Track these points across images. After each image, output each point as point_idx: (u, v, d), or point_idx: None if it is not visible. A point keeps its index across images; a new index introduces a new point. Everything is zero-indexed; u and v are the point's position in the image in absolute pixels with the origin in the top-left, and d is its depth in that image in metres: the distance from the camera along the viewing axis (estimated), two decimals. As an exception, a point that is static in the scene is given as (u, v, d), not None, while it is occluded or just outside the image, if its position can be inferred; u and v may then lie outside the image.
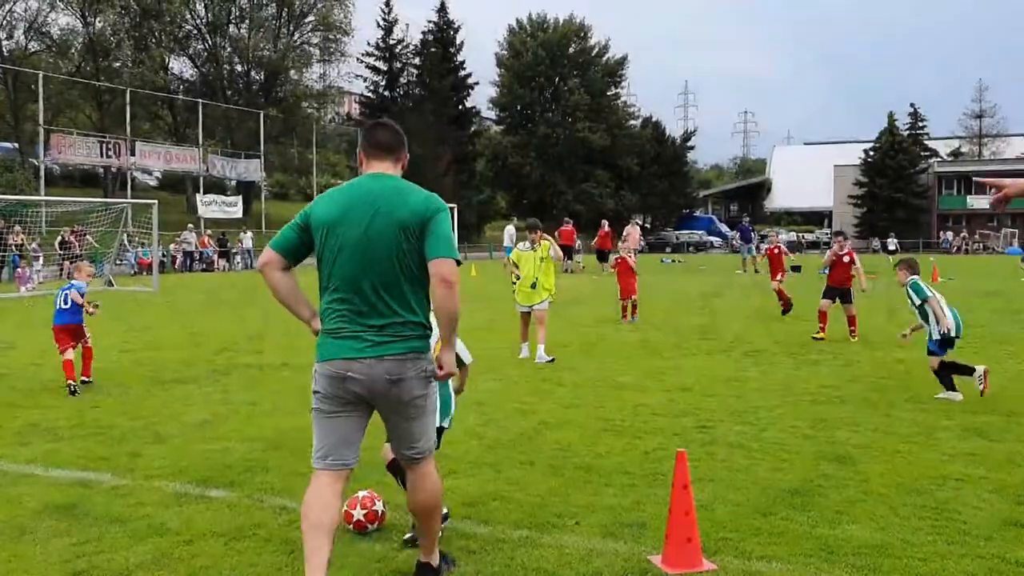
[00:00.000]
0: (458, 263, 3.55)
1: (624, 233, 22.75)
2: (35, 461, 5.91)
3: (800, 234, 75.11)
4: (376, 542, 4.40)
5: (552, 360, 10.11)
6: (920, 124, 77.40)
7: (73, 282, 9.15)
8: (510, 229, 36.01)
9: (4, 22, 44.01)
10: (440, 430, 7.01)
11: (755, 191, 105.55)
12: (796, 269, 32.39)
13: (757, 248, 32.20)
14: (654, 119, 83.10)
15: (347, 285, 3.54)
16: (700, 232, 73.65)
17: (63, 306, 8.86)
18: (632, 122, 79.71)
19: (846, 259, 12.39)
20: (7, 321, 15.72)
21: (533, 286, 10.44)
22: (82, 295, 8.88)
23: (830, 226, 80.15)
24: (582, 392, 8.27)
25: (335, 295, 3.57)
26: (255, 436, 6.56)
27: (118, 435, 6.67)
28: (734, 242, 61.64)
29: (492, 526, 4.55)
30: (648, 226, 78.01)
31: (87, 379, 8.84)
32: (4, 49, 43.80)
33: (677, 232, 70.07)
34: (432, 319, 3.68)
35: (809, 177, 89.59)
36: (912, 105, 77.90)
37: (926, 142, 78.05)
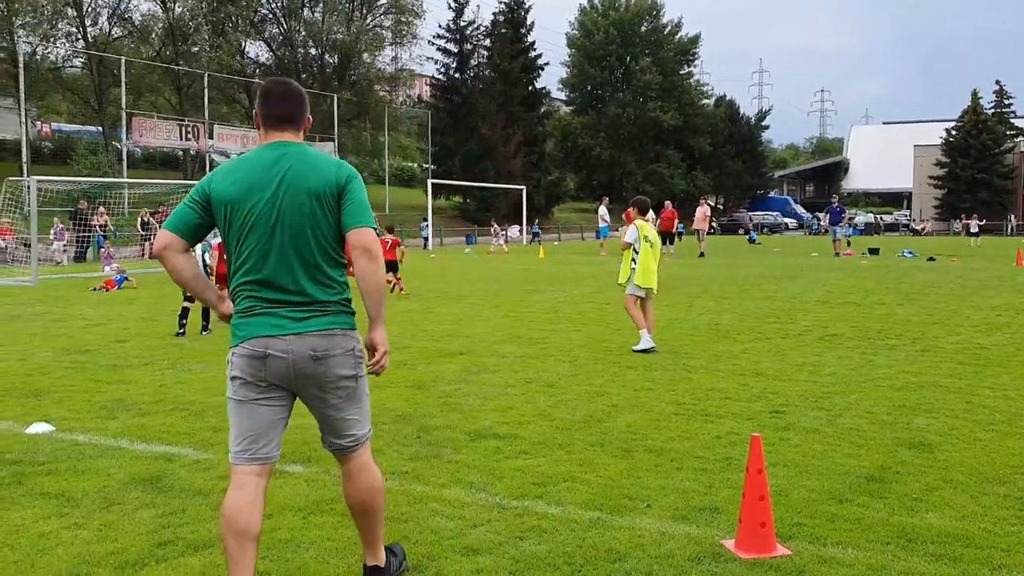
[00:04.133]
0: (375, 230, 3.35)
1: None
2: (122, 435, 6.13)
3: (878, 215, 73.27)
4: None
5: (645, 350, 9.53)
6: (1006, 102, 74.52)
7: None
8: (602, 209, 35.55)
9: (89, 9, 45.30)
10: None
11: (832, 172, 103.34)
12: (875, 251, 31.69)
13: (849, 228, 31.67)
14: (728, 98, 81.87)
15: (260, 263, 3.26)
16: (775, 213, 72.39)
17: None
18: (705, 101, 78.62)
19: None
20: (93, 299, 16.28)
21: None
22: None
23: (909, 208, 77.97)
24: (653, 375, 8.23)
25: (247, 276, 3.29)
26: (330, 414, 6.68)
27: (199, 411, 6.87)
28: (823, 224, 60.47)
29: (563, 507, 4.57)
30: (720, 207, 76.98)
31: None
32: (89, 35, 45.09)
33: (751, 213, 68.91)
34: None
35: (888, 157, 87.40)
36: (998, 82, 75.04)
37: (1012, 120, 75.14)
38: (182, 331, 11.22)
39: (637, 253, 9.83)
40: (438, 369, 8.66)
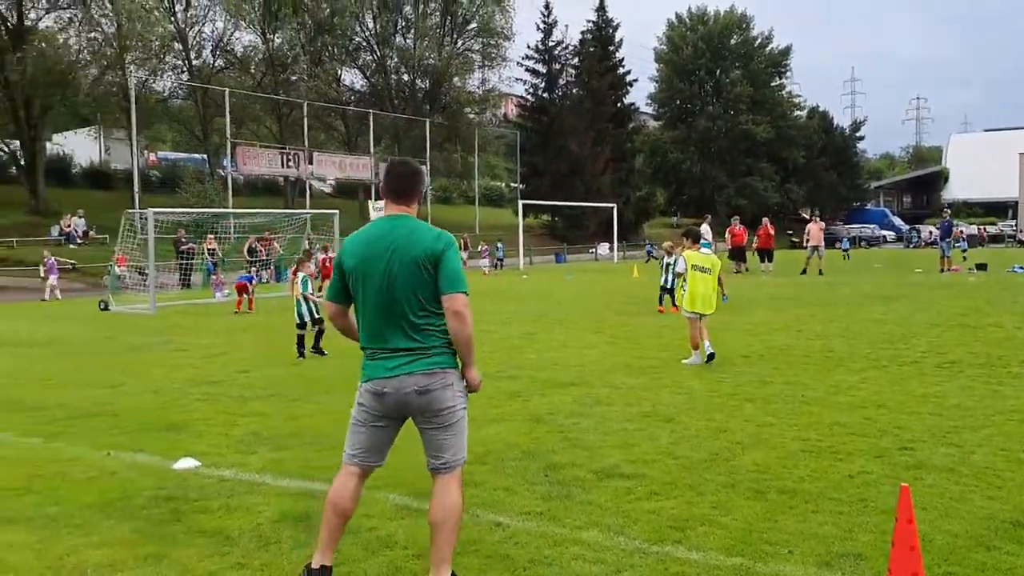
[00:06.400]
0: (466, 293, 4.01)
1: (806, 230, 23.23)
2: (264, 470, 6.41)
3: (981, 226, 70.60)
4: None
5: (692, 363, 10.83)
6: (1121, 104, 71.01)
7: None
8: (705, 227, 33.80)
9: (194, 43, 47.31)
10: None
11: (930, 182, 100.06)
12: (982, 267, 30.51)
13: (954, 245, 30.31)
14: (821, 109, 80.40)
15: (376, 317, 4.05)
16: (872, 226, 70.45)
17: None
18: (798, 113, 77.32)
19: None
20: (209, 327, 16.95)
21: None
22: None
23: (1015, 217, 74.89)
24: (772, 408, 8.17)
25: (369, 329, 4.10)
26: (457, 449, 6.86)
27: (333, 444, 7.09)
28: (922, 237, 58.87)
29: (704, 552, 4.61)
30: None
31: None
32: (193, 67, 47.05)
33: (847, 226, 67.18)
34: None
35: (990, 166, 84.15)
36: (1111, 84, 71.58)
37: None
38: (302, 355, 12.22)
39: (686, 281, 11.31)
40: (552, 401, 8.77)
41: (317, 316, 12.53)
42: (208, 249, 29.50)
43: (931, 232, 60.52)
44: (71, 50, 40.13)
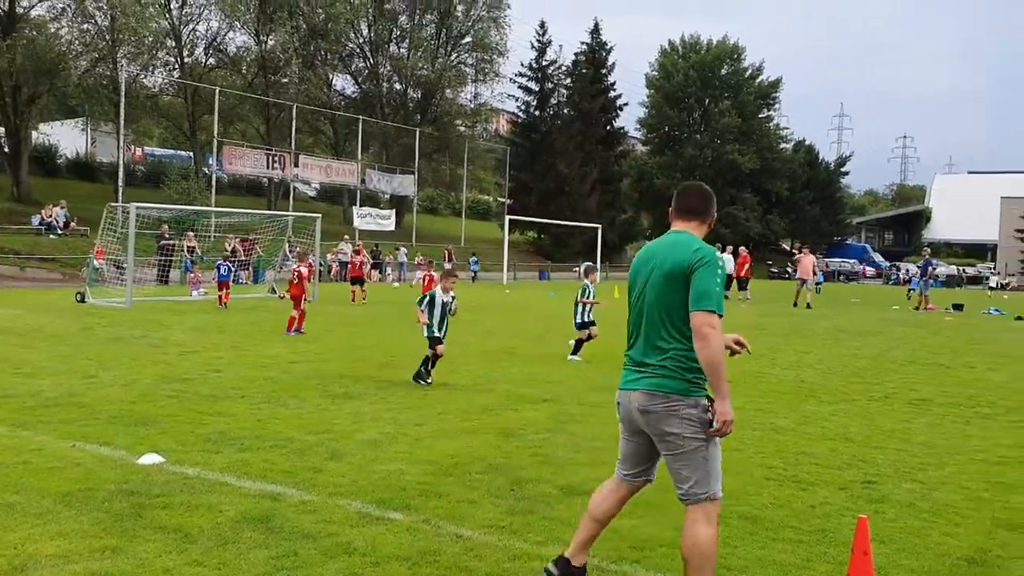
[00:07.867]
0: (714, 313, 3.80)
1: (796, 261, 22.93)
2: (227, 470, 6.37)
3: (960, 268, 71.37)
4: None
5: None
6: (1102, 155, 72.17)
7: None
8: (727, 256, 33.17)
9: (187, 40, 47.19)
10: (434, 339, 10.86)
11: (913, 220, 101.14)
12: (959, 307, 30.77)
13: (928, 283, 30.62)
14: (807, 143, 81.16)
15: (632, 327, 4.15)
16: (852, 261, 71.03)
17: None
18: (784, 145, 77.95)
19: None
20: (183, 324, 16.85)
21: None
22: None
23: (994, 260, 75.80)
24: (741, 435, 8.16)
25: (628, 337, 4.20)
26: (424, 459, 6.86)
27: (298, 449, 7.10)
28: (902, 275, 59.46)
29: (662, 573, 4.63)
30: (795, 252, 75.79)
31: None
32: (185, 65, 46.92)
33: (828, 259, 67.64)
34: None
35: (973, 208, 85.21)
36: (1093, 135, 72.78)
37: (1108, 175, 72.67)
38: (429, 381, 10.62)
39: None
40: (524, 416, 8.78)
41: (439, 335, 10.78)
42: (188, 247, 29.35)
43: (908, 271, 61.10)
44: (62, 40, 39.90)
